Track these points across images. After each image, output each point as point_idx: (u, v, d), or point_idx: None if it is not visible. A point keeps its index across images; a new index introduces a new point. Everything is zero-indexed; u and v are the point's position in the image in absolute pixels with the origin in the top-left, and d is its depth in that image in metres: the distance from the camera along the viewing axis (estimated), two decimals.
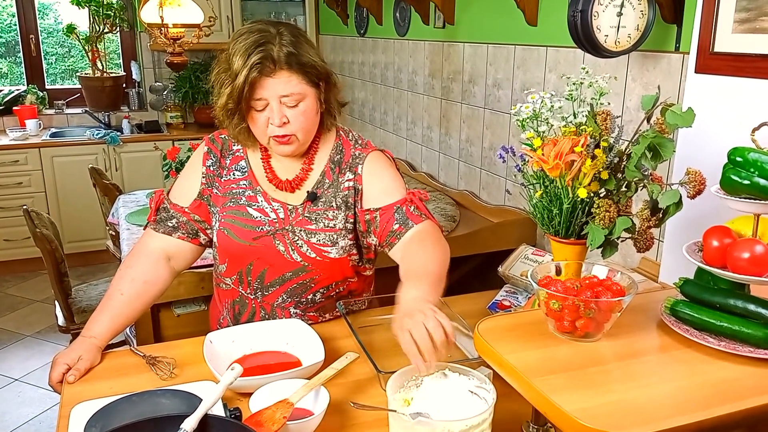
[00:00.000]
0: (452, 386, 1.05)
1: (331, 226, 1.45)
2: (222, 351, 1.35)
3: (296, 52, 1.34)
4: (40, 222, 2.70)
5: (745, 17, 1.42)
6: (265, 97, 1.35)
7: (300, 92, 1.36)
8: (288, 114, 1.37)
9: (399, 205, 1.43)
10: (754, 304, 1.00)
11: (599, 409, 0.86)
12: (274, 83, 1.34)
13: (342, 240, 1.45)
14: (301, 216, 1.46)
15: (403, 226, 1.41)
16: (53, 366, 1.33)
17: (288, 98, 1.36)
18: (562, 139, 1.16)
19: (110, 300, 1.43)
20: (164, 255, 1.50)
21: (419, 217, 1.42)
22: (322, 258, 1.44)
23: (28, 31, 4.84)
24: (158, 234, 1.50)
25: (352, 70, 4.45)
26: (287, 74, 1.34)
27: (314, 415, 1.10)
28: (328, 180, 1.48)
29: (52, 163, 4.35)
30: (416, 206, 1.43)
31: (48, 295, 3.95)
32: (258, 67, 1.31)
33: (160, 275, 1.48)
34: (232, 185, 1.49)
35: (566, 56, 2.32)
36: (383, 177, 1.48)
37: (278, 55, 1.33)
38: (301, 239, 1.44)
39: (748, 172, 1.00)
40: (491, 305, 1.69)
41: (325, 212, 1.45)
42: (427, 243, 1.37)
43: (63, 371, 1.31)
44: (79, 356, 1.34)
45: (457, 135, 3.15)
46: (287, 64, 1.33)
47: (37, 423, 2.85)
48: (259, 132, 1.41)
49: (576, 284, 1.05)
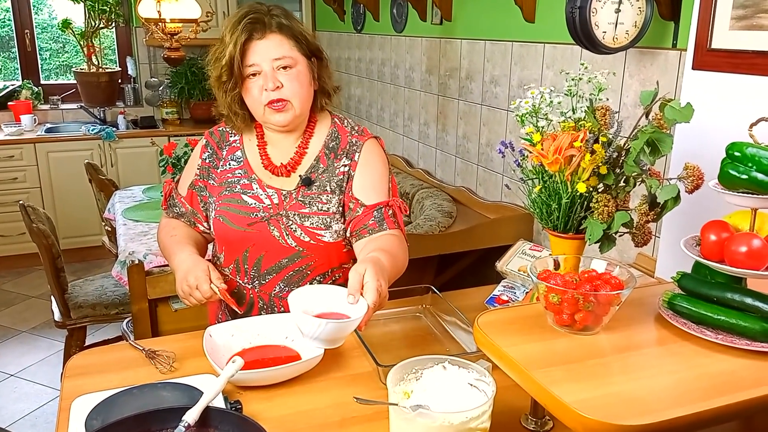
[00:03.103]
0: (452, 379, 1.06)
1: (324, 209, 1.47)
2: (221, 344, 1.35)
3: (287, 23, 1.41)
4: (36, 217, 2.69)
5: (742, 14, 1.43)
6: (257, 62, 1.40)
7: (291, 56, 1.41)
8: (281, 78, 1.40)
9: (381, 206, 1.46)
10: (751, 297, 1.01)
11: (598, 401, 0.87)
12: (266, 46, 1.39)
13: (336, 224, 1.47)
14: (295, 200, 1.48)
15: (377, 224, 1.44)
16: (193, 285, 1.37)
17: (280, 61, 1.40)
18: (561, 134, 1.17)
19: (171, 243, 1.51)
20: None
21: (394, 224, 1.46)
22: (317, 242, 1.46)
23: (23, 26, 4.81)
24: (170, 218, 1.60)
25: (349, 67, 4.44)
26: (278, 37, 1.40)
27: (352, 318, 1.17)
28: (322, 165, 1.50)
29: (47, 159, 4.34)
30: (394, 213, 1.47)
31: (44, 290, 3.94)
32: (248, 29, 1.38)
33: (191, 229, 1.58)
34: (228, 175, 1.53)
35: (564, 53, 2.33)
36: (374, 171, 1.50)
37: (269, 22, 1.40)
38: (294, 223, 1.47)
39: (745, 166, 1.01)
40: (489, 300, 1.70)
41: (319, 196, 1.48)
42: (394, 244, 1.41)
43: (208, 284, 1.37)
44: (202, 268, 1.39)
45: (454, 131, 3.15)
46: (278, 28, 1.40)
47: (33, 418, 2.84)
48: (254, 101, 1.44)
49: (575, 278, 1.05)
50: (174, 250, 1.49)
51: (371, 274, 1.20)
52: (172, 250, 1.50)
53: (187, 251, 1.47)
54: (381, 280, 1.21)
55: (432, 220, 2.64)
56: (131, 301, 2.11)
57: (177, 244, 1.50)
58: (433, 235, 2.52)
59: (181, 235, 1.54)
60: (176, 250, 1.48)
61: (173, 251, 1.49)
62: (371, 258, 1.28)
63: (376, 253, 1.31)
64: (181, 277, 1.41)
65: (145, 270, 2.11)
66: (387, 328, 1.54)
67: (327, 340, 1.20)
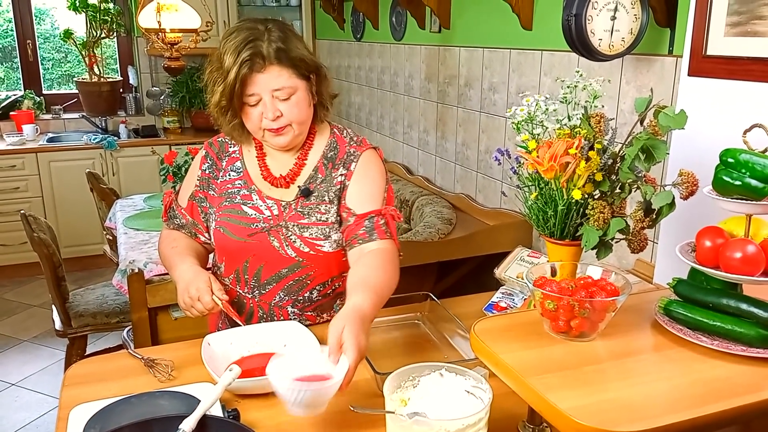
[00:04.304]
0: (449, 386, 1.06)
1: (323, 219, 1.47)
2: (220, 353, 1.35)
3: (285, 48, 1.39)
4: (37, 226, 2.70)
5: (736, 21, 1.44)
6: (257, 92, 1.39)
7: (291, 86, 1.40)
8: (281, 107, 1.41)
9: (372, 215, 1.45)
10: (747, 303, 1.01)
11: (594, 407, 0.87)
12: (265, 78, 1.38)
13: (335, 233, 1.47)
14: (294, 211, 1.49)
15: (367, 234, 1.43)
16: (195, 297, 1.38)
17: (280, 92, 1.40)
18: (556, 142, 1.18)
19: (172, 254, 1.52)
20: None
21: (385, 233, 1.44)
22: (316, 252, 1.46)
23: (25, 36, 4.84)
24: (171, 230, 1.60)
25: (349, 75, 4.46)
26: (278, 69, 1.38)
27: (335, 379, 1.10)
28: (320, 175, 1.51)
29: (49, 168, 4.36)
30: (386, 222, 1.45)
31: (45, 299, 3.95)
32: (248, 64, 1.36)
33: (191, 240, 1.59)
34: (228, 185, 1.53)
35: (561, 60, 2.34)
36: (369, 181, 1.50)
37: (268, 51, 1.37)
38: (294, 234, 1.47)
39: (739, 172, 1.01)
40: (487, 307, 1.70)
41: (317, 206, 1.48)
42: (384, 262, 1.39)
43: (209, 295, 1.38)
44: (203, 279, 1.40)
45: (453, 138, 3.16)
46: (277, 59, 1.38)
47: (33, 428, 2.85)
48: (254, 126, 1.45)
49: (571, 284, 1.06)
50: (175, 261, 1.50)
51: (349, 331, 1.14)
52: (173, 262, 1.50)
53: (188, 262, 1.47)
54: (360, 335, 1.15)
55: (431, 227, 2.65)
56: (131, 310, 2.12)
57: (178, 256, 1.51)
58: (432, 242, 2.52)
59: (182, 247, 1.54)
60: (177, 261, 1.49)
61: (174, 263, 1.49)
62: (351, 308, 1.21)
63: (358, 296, 1.25)
64: (183, 288, 1.41)
65: (145, 279, 2.11)
66: (386, 335, 1.54)
67: (309, 406, 1.10)
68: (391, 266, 1.40)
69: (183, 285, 1.41)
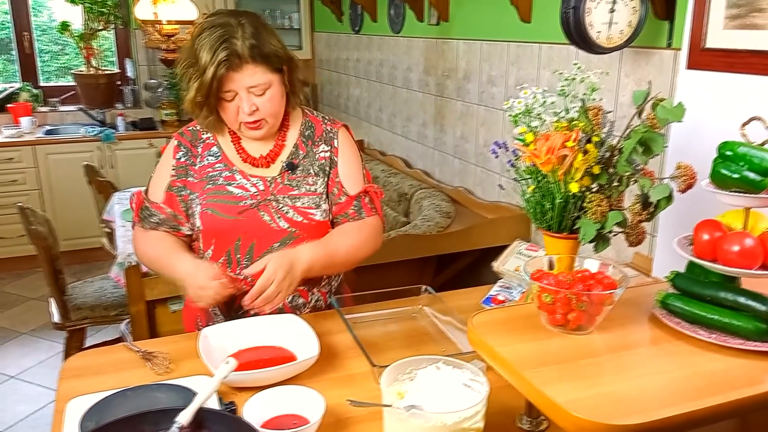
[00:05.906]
0: (446, 379, 1.06)
1: (312, 190, 1.53)
2: (217, 346, 1.35)
3: (258, 44, 1.42)
4: (35, 219, 2.69)
5: (735, 13, 1.43)
6: (234, 89, 1.43)
7: (265, 82, 1.44)
8: (257, 102, 1.45)
9: (360, 195, 1.56)
10: (744, 296, 1.01)
11: (591, 400, 0.87)
12: (241, 77, 1.42)
13: (324, 203, 1.54)
14: (282, 184, 1.53)
15: (357, 213, 1.55)
16: (204, 292, 1.38)
17: (255, 88, 1.44)
18: (554, 134, 1.17)
19: (162, 255, 1.50)
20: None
21: (371, 210, 1.57)
22: (309, 221, 1.51)
23: (22, 28, 4.82)
24: (146, 231, 1.55)
25: (347, 68, 4.45)
26: (252, 67, 1.42)
27: (311, 423, 1.08)
28: (302, 151, 1.56)
29: (46, 161, 4.34)
30: (371, 199, 1.58)
31: (43, 292, 3.94)
32: (225, 64, 1.39)
33: (174, 236, 1.56)
34: (207, 169, 1.54)
35: (559, 53, 2.33)
36: (352, 159, 1.59)
37: (242, 50, 1.40)
38: (286, 206, 1.51)
39: (737, 165, 1.01)
40: (485, 300, 1.70)
41: (305, 178, 1.54)
42: (356, 230, 1.53)
43: (217, 284, 1.37)
44: (209, 275, 1.38)
45: (452, 132, 3.16)
46: (251, 57, 1.41)
47: (33, 420, 2.85)
48: (231, 120, 1.49)
49: (568, 277, 1.06)
50: (171, 260, 1.46)
51: (271, 258, 1.36)
52: (168, 261, 1.47)
53: (187, 258, 1.45)
54: (281, 263, 1.35)
55: (430, 221, 2.64)
56: (129, 303, 2.11)
57: (172, 254, 1.47)
58: (431, 236, 2.52)
59: (169, 244, 1.51)
60: (174, 260, 1.46)
61: (170, 262, 1.46)
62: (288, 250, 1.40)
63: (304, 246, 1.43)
64: (194, 280, 1.39)
65: (143, 271, 2.11)
66: (383, 328, 1.54)
67: None
68: (364, 235, 1.53)
69: (201, 272, 1.39)
